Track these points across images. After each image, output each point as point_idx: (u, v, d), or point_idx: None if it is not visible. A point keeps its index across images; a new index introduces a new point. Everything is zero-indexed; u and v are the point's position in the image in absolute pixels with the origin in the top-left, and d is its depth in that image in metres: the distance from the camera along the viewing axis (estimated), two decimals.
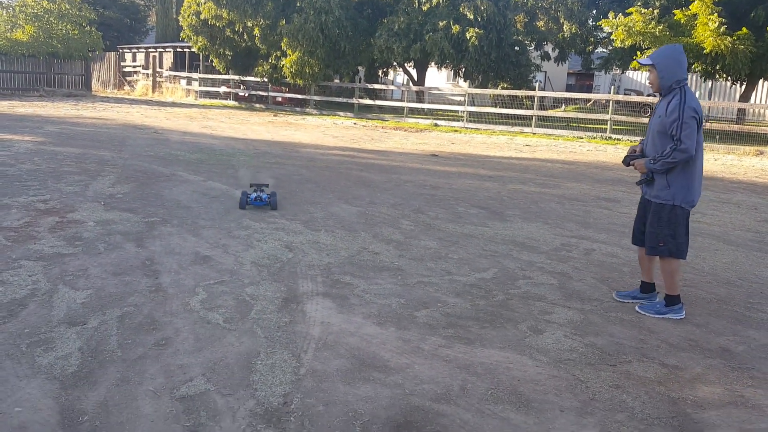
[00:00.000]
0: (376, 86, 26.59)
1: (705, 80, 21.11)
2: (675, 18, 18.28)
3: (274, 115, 23.07)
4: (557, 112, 22.69)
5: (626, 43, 18.43)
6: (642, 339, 4.10)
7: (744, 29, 17.18)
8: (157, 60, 34.40)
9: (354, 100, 24.27)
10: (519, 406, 3.18)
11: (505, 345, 3.91)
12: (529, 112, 20.28)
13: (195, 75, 30.83)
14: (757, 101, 26.73)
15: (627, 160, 4.70)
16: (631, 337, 4.12)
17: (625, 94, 28.19)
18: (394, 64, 26.79)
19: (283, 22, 23.61)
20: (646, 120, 17.76)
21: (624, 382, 3.48)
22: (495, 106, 22.38)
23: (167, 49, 35.03)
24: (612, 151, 15.70)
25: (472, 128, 20.49)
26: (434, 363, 3.61)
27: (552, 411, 3.15)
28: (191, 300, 4.31)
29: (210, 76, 30.08)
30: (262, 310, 4.22)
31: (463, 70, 24.31)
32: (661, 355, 3.86)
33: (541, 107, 21.37)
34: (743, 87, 21.54)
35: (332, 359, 3.57)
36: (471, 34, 21.30)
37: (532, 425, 3.00)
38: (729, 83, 23.40)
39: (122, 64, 36.59)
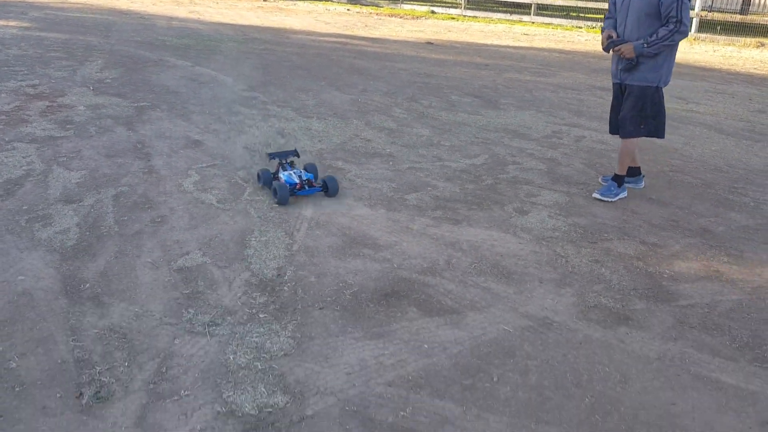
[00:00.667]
0: None
1: None
2: None
3: (264, 0, 22.22)
4: (557, 0, 21.90)
5: None
6: (625, 219, 4.22)
7: None
8: None
9: None
10: (500, 277, 3.33)
11: (491, 225, 4.03)
12: (528, 0, 19.59)
13: None
14: None
15: (610, 46, 4.44)
16: (614, 218, 4.24)
17: None
18: None
19: None
20: None
21: (603, 258, 3.63)
22: None
23: None
24: None
25: (469, 16, 19.85)
26: (422, 241, 3.74)
27: (532, 282, 3.30)
28: (184, 182, 4.38)
29: None
30: (255, 192, 4.30)
31: None
32: (641, 234, 4.00)
33: None
34: None
35: (324, 237, 3.69)
36: None
37: (512, 294, 3.17)
38: None
39: None
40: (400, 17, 18.93)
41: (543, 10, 20.52)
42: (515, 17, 19.37)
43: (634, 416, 2.33)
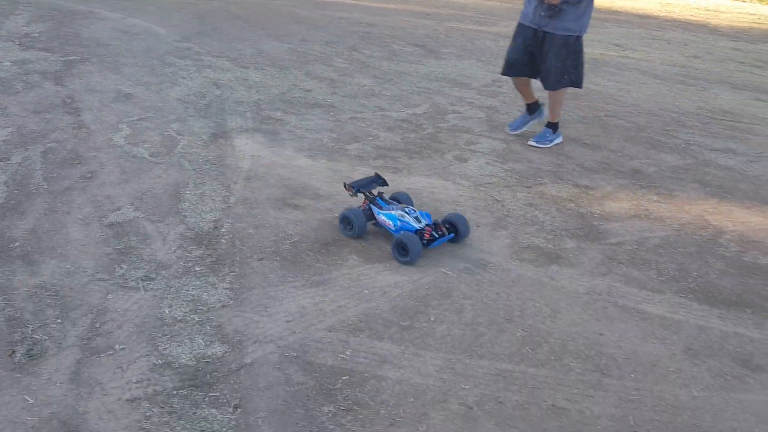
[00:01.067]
0: None
1: None
2: None
3: None
4: None
5: None
6: (559, 164, 4.32)
7: None
8: None
9: None
10: None
11: (431, 173, 4.06)
12: None
13: None
14: None
15: None
16: (548, 163, 4.33)
17: None
18: None
19: None
20: None
21: (537, 201, 3.72)
22: None
23: None
24: None
25: None
26: None
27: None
28: (115, 136, 4.24)
29: None
30: (189, 144, 4.20)
31: None
32: (574, 177, 4.10)
33: None
34: None
35: (262, 188, 3.65)
36: None
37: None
38: None
39: None
40: None
41: None
42: None
43: (563, 347, 2.43)
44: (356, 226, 3.11)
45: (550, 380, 2.26)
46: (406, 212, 3.12)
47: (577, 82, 4.48)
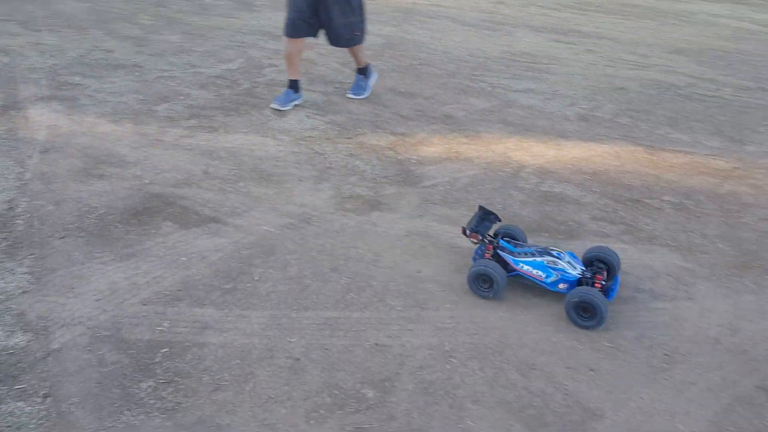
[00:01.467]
0: None
1: None
2: None
3: None
4: None
5: None
6: (377, 114, 4.40)
7: None
8: None
9: None
10: (260, 180, 3.32)
11: (249, 130, 3.97)
12: None
13: None
14: None
15: None
16: (367, 113, 4.40)
17: None
18: None
19: None
20: None
21: (358, 151, 3.78)
22: None
23: None
24: None
25: None
26: (175, 153, 3.57)
27: (292, 181, 3.34)
28: None
29: None
30: None
31: None
32: (392, 126, 4.21)
33: None
34: None
35: (61, 160, 3.35)
36: None
37: (273, 195, 3.18)
38: None
39: None
40: None
41: None
42: None
43: (384, 288, 2.52)
44: (499, 284, 2.42)
45: (373, 321, 2.34)
46: (555, 256, 2.45)
47: (362, 39, 4.47)
